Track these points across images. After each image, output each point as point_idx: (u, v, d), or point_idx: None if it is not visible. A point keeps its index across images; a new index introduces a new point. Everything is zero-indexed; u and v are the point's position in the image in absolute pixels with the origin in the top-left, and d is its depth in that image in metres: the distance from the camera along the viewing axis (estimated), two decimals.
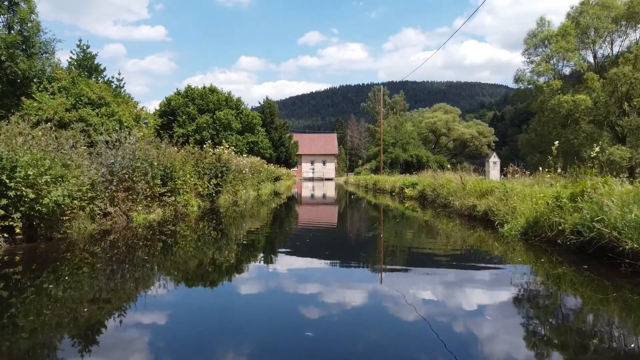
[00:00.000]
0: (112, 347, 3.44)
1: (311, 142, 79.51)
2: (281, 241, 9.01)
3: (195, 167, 14.15)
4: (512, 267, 6.21)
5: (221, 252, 7.47)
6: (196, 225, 10.89)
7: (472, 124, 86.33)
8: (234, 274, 6.01)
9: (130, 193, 10.10)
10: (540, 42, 34.18)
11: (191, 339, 3.53)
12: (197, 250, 7.71)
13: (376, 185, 31.35)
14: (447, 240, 8.60)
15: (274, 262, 6.90)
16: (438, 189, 15.55)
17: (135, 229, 9.32)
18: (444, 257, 6.94)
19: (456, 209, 12.34)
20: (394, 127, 62.73)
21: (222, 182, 15.14)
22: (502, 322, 4.03)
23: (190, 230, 9.89)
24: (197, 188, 13.60)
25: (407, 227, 11.13)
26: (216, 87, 40.47)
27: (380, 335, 3.69)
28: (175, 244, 8.11)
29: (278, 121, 52.98)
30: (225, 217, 13.12)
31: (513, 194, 9.01)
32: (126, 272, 5.85)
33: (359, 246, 8.70)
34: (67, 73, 17.28)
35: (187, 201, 12.90)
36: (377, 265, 6.59)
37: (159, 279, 5.61)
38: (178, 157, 12.95)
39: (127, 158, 10.14)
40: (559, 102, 31.50)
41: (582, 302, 4.67)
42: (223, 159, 15.28)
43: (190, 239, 8.74)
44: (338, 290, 5.16)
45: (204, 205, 14.40)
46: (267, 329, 3.86)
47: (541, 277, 5.59)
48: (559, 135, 30.43)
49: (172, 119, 37.84)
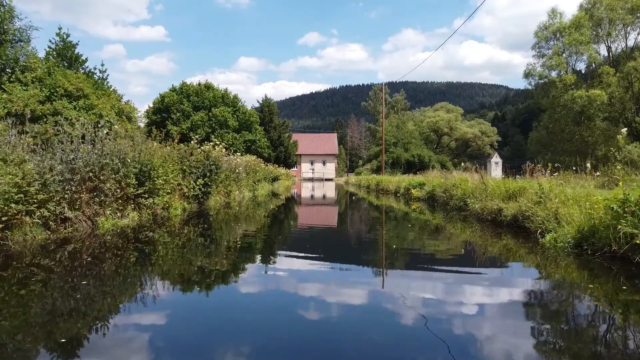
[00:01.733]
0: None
1: (311, 142, 77.92)
2: (272, 251, 7.49)
3: (180, 165, 12.62)
4: (571, 294, 4.69)
5: (202, 264, 5.98)
6: (179, 230, 9.38)
7: (474, 124, 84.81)
8: (221, 291, 4.61)
9: (97, 194, 8.57)
10: (552, 35, 32.35)
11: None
12: (173, 262, 6.22)
13: (379, 186, 29.84)
14: (471, 251, 7.08)
15: (264, 276, 5.38)
16: (451, 190, 14.03)
17: (101, 237, 7.80)
18: (475, 276, 5.43)
19: (475, 213, 10.82)
20: (396, 126, 61.26)
21: (211, 182, 13.60)
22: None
23: (169, 237, 8.38)
24: (182, 189, 12.07)
25: (421, 234, 9.59)
26: (212, 83, 38.93)
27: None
28: (148, 255, 6.61)
29: (277, 120, 51.43)
30: (214, 220, 11.60)
31: (553, 195, 7.47)
32: (73, 298, 4.34)
33: (363, 256, 7.17)
34: (44, 63, 15.77)
35: (169, 203, 11.37)
36: (395, 291, 5.07)
37: (121, 301, 4.11)
38: (160, 154, 11.43)
39: (93, 153, 8.61)
40: (572, 97, 29.67)
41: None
42: (212, 157, 13.74)
43: (167, 248, 7.23)
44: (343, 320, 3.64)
45: (190, 208, 12.88)
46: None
47: (621, 314, 4.06)
48: (572, 133, 28.84)
49: (166, 117, 36.30)
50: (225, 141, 34.55)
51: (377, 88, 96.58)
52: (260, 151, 38.51)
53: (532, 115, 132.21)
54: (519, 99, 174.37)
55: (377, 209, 17.60)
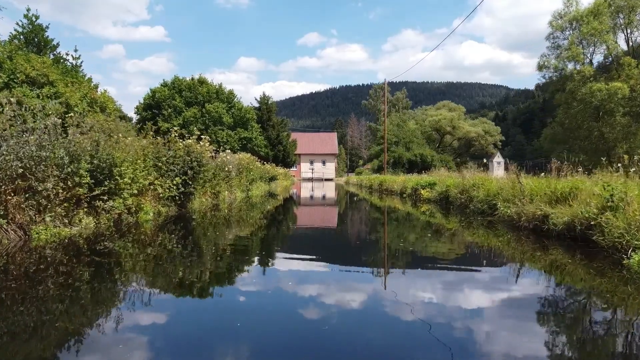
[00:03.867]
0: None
1: (310, 141, 75.99)
2: (258, 269, 5.60)
3: (156, 162, 10.71)
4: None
5: (163, 285, 4.17)
6: (145, 239, 7.50)
7: (477, 122, 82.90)
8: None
9: (31, 196, 6.68)
10: (568, 24, 30.13)
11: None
12: (125, 284, 4.41)
13: (382, 186, 27.95)
14: (521, 275, 5.20)
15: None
16: (470, 191, 12.14)
17: (35, 251, 5.92)
18: (547, 321, 3.54)
19: (507, 219, 8.92)
20: (397, 125, 59.56)
21: (193, 181, 11.68)
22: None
23: (131, 249, 6.51)
24: (157, 189, 10.15)
25: (447, 245, 7.70)
26: (206, 78, 36.96)
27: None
28: (94, 276, 4.76)
29: (275, 118, 49.54)
30: (195, 226, 9.72)
31: (631, 199, 5.57)
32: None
33: (372, 277, 5.29)
34: (5, 47, 13.87)
35: (139, 206, 9.47)
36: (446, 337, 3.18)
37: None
38: (129, 147, 9.54)
39: (28, 145, 6.71)
40: (590, 90, 27.52)
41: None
42: (195, 152, 11.83)
43: (123, 264, 5.36)
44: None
45: (167, 212, 10.98)
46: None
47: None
48: (590, 129, 26.76)
49: (157, 113, 34.35)
50: (220, 139, 32.68)
51: (377, 87, 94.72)
52: (256, 150, 36.59)
53: (534, 115, 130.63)
54: (519, 99, 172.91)
55: (384, 212, 15.68)
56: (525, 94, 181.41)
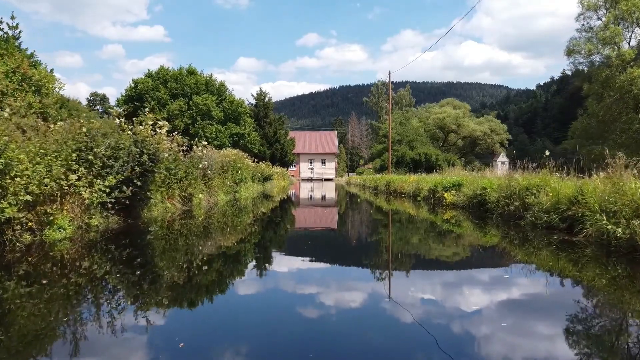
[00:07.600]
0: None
1: (310, 140, 72.78)
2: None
3: (84, 154, 7.48)
4: None
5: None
6: (42, 272, 4.30)
7: (483, 120, 79.73)
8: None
9: None
10: (603, 1, 26.74)
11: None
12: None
13: (390, 188, 24.75)
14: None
15: None
16: (524, 197, 8.93)
17: None
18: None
19: (603, 239, 5.75)
20: (400, 123, 56.65)
21: (144, 182, 8.42)
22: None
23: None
24: (82, 192, 6.90)
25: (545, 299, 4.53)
26: (195, 68, 33.64)
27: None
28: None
29: (272, 115, 46.28)
30: (142, 246, 6.51)
31: None
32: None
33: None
34: None
35: (47, 220, 6.26)
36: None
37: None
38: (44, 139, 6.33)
39: None
40: (631, 77, 24.26)
41: None
42: (147, 143, 8.57)
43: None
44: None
45: (105, 224, 7.75)
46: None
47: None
48: (629, 121, 23.40)
49: (139, 105, 31.10)
50: (208, 134, 29.47)
51: (379, 83, 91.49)
52: (250, 147, 33.32)
53: (536, 115, 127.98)
54: (520, 99, 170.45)
55: (400, 219, 12.47)
56: (526, 94, 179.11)
